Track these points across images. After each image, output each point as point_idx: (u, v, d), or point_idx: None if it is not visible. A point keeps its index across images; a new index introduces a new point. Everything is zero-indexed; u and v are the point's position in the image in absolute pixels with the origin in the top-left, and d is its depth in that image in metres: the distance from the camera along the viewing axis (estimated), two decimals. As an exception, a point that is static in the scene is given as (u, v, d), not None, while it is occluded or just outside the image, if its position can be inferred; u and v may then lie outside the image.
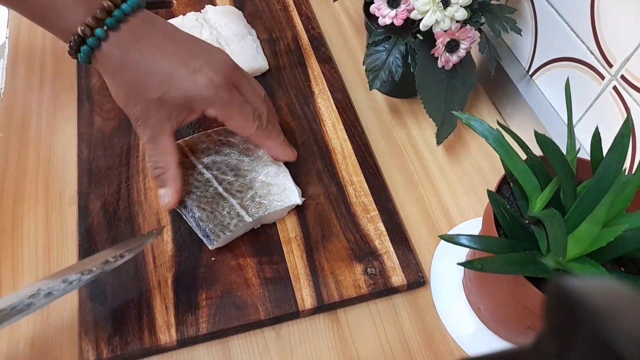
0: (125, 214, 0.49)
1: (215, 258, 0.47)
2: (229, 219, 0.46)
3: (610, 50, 0.48)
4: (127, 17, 0.41)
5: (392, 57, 0.55)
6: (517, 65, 0.62)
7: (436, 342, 0.45)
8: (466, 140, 0.61)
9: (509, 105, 0.63)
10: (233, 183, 0.49)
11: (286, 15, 0.71)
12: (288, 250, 0.48)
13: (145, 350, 0.42)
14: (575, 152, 0.40)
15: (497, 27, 0.54)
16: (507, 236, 0.38)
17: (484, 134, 0.38)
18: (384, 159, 0.58)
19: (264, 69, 0.63)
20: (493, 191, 0.38)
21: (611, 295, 0.14)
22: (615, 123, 0.50)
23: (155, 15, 0.44)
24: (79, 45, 0.41)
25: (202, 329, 0.43)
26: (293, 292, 0.45)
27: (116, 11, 0.41)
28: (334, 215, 0.51)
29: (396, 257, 0.48)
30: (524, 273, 0.35)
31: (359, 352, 0.44)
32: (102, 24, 0.40)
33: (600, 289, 0.14)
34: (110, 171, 0.52)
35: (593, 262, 0.34)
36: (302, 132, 0.58)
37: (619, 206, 0.35)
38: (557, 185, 0.37)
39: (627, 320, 0.13)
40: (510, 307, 0.41)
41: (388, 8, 0.52)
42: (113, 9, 0.40)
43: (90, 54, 0.42)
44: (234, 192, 0.48)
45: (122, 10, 0.41)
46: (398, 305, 0.47)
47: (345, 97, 0.62)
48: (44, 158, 0.54)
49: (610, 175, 0.35)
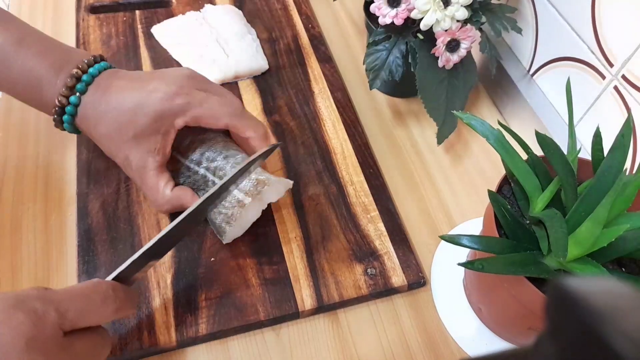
0: (125, 214, 0.49)
1: (215, 258, 0.47)
2: (231, 209, 0.45)
3: (611, 50, 0.48)
4: (94, 78, 0.44)
5: (392, 56, 0.55)
6: (518, 65, 0.62)
7: (436, 342, 0.45)
8: (467, 140, 0.61)
9: (509, 105, 0.63)
10: (224, 167, 0.47)
11: (286, 14, 0.71)
12: (288, 250, 0.48)
13: (145, 351, 0.42)
14: (576, 152, 0.40)
15: (497, 27, 0.54)
16: (508, 236, 0.38)
17: (485, 133, 0.38)
18: (384, 159, 0.58)
19: (264, 68, 0.63)
20: (494, 191, 0.38)
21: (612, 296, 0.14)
22: (616, 123, 0.50)
23: (117, 69, 0.47)
24: (61, 116, 0.45)
25: (201, 329, 0.43)
26: (293, 293, 0.45)
27: (85, 76, 0.44)
28: (334, 216, 0.51)
29: (396, 258, 0.48)
30: (525, 273, 0.35)
31: (359, 352, 0.44)
32: (74, 91, 0.44)
33: (601, 289, 0.14)
34: (109, 171, 0.52)
35: (594, 263, 0.34)
36: (302, 132, 0.58)
37: (620, 206, 0.35)
38: (558, 185, 0.37)
39: (627, 321, 0.12)
40: (511, 308, 0.40)
41: (388, 7, 0.52)
42: (81, 74, 0.44)
43: (72, 122, 0.45)
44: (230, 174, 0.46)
45: (89, 74, 0.44)
46: (398, 305, 0.47)
47: (345, 97, 0.62)
48: (43, 158, 0.54)
49: (611, 175, 0.35)
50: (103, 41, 0.64)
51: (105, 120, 0.44)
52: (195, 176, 0.48)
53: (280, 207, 0.51)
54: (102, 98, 0.44)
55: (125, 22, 0.67)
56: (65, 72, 0.44)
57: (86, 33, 0.65)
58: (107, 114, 0.44)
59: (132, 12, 0.68)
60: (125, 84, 0.44)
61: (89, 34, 0.65)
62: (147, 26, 0.66)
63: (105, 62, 0.46)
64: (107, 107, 0.44)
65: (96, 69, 0.45)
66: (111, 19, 0.67)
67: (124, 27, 0.66)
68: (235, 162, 0.47)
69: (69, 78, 0.43)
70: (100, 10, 0.68)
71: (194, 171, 0.48)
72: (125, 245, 0.47)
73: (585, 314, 0.13)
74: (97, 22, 0.67)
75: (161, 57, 0.63)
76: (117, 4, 0.69)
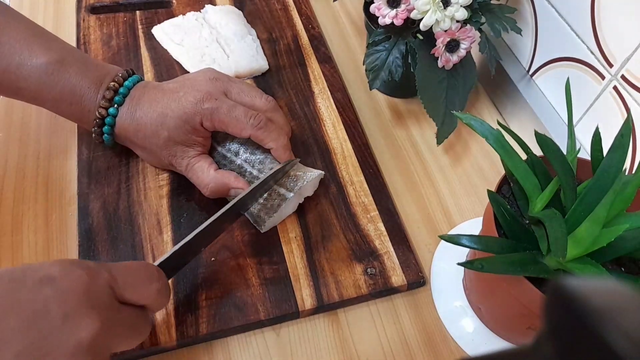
0: (125, 214, 0.49)
1: (215, 258, 0.47)
2: (272, 201, 0.48)
3: (611, 50, 0.48)
4: (129, 90, 0.48)
5: (392, 57, 0.55)
6: (518, 65, 0.62)
7: (436, 342, 0.45)
8: (466, 140, 0.61)
9: (509, 105, 0.63)
10: (264, 161, 0.50)
11: (286, 15, 0.71)
12: (288, 250, 0.48)
13: (145, 351, 0.42)
14: (576, 152, 0.40)
15: (497, 27, 0.54)
16: (508, 236, 0.38)
17: (484, 134, 0.38)
18: (384, 159, 0.58)
19: (264, 68, 0.63)
20: (493, 191, 0.38)
21: (611, 295, 0.14)
22: (616, 123, 0.50)
23: (148, 81, 0.51)
24: (100, 127, 0.48)
25: (202, 329, 0.43)
26: (293, 292, 0.45)
27: (121, 89, 0.48)
28: (334, 215, 0.51)
29: (396, 257, 0.48)
30: (524, 273, 0.35)
31: (359, 352, 0.44)
32: (112, 103, 0.47)
33: (600, 289, 0.14)
34: (110, 171, 0.52)
35: (593, 262, 0.34)
36: (302, 132, 0.58)
37: (619, 206, 0.35)
38: (557, 185, 0.37)
39: (626, 320, 0.13)
40: (510, 307, 0.41)
41: (388, 8, 0.52)
42: (118, 87, 0.48)
43: (111, 133, 0.49)
44: (267, 171, 0.49)
45: (125, 87, 0.48)
46: (398, 305, 0.47)
47: (345, 97, 0.62)
48: (44, 158, 0.54)
49: (610, 176, 0.35)
50: (103, 41, 0.64)
51: (142, 126, 0.48)
52: (232, 165, 0.51)
53: (280, 207, 0.51)
54: (137, 107, 0.48)
55: (125, 23, 0.67)
56: (103, 87, 0.48)
57: (87, 33, 0.65)
58: (143, 120, 0.47)
59: (132, 12, 0.68)
60: (157, 93, 0.48)
61: (89, 34, 0.65)
62: (148, 27, 0.66)
63: (137, 75, 0.50)
64: (142, 114, 0.48)
65: (131, 81, 0.49)
66: (112, 19, 0.67)
67: (124, 27, 0.66)
68: (272, 158, 0.50)
69: (107, 91, 0.47)
70: (101, 11, 0.68)
71: (229, 160, 0.51)
72: (126, 245, 0.47)
73: (584, 313, 0.13)
74: (98, 22, 0.67)
75: (161, 57, 0.63)
76: (118, 4, 0.69)
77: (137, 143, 0.49)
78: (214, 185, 0.48)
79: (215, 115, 0.47)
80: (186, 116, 0.46)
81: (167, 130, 0.47)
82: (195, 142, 0.48)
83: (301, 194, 0.50)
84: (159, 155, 0.49)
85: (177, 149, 0.48)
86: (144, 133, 0.48)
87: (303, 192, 0.50)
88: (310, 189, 0.51)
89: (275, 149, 0.49)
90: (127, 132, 0.49)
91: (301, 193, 0.50)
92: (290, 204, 0.49)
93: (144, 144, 0.49)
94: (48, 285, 0.30)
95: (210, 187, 0.48)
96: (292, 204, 0.49)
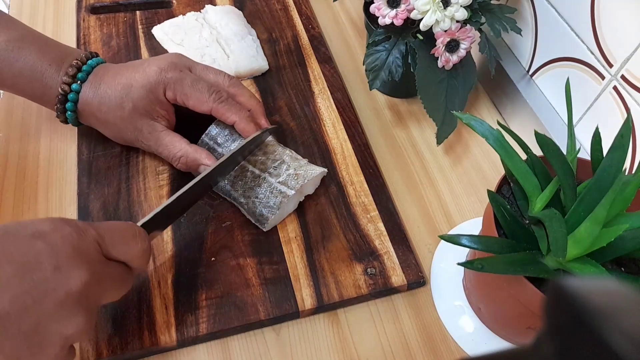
0: (126, 214, 0.49)
1: (215, 258, 0.47)
2: (273, 199, 0.48)
3: (611, 50, 0.48)
4: (92, 68, 0.49)
5: (392, 57, 0.55)
6: (517, 65, 0.62)
7: (436, 342, 0.45)
8: (466, 140, 0.61)
9: (509, 105, 0.63)
10: (265, 162, 0.50)
11: (286, 15, 0.71)
12: (288, 250, 0.48)
13: (145, 351, 0.42)
14: (576, 152, 0.40)
15: (497, 27, 0.54)
16: (507, 236, 0.38)
17: (484, 134, 0.38)
18: (384, 159, 0.58)
19: (264, 68, 0.63)
20: (493, 191, 0.38)
21: (611, 295, 0.14)
22: (616, 123, 0.50)
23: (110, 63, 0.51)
24: (63, 104, 0.48)
25: (202, 329, 0.43)
26: (293, 292, 0.45)
27: (84, 67, 0.48)
28: (334, 215, 0.51)
29: (396, 257, 0.48)
30: (524, 273, 0.35)
31: (359, 352, 0.44)
32: (75, 79, 0.48)
33: (600, 289, 0.14)
34: (110, 171, 0.52)
35: (593, 262, 0.34)
36: (302, 132, 0.58)
37: (619, 206, 0.35)
38: (557, 185, 0.37)
39: (626, 320, 0.13)
40: (510, 307, 0.41)
41: (388, 8, 0.52)
42: (81, 65, 0.48)
43: (74, 110, 0.49)
44: (270, 170, 0.49)
45: (89, 65, 0.49)
46: (398, 305, 0.47)
47: (345, 97, 0.62)
48: (44, 158, 0.54)
49: (610, 176, 0.35)
50: (104, 41, 0.64)
51: (106, 99, 0.48)
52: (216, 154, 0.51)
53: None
54: (101, 81, 0.48)
55: (125, 23, 0.67)
56: (65, 65, 0.48)
57: (87, 33, 0.65)
58: (107, 93, 0.48)
59: (132, 12, 0.68)
60: (121, 68, 0.49)
61: (89, 34, 0.65)
62: (148, 27, 0.67)
63: (101, 58, 0.51)
64: (106, 87, 0.48)
65: (94, 61, 0.49)
66: (112, 19, 0.67)
67: (124, 27, 0.66)
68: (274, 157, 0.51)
69: (69, 68, 0.47)
70: (101, 11, 0.68)
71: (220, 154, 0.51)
72: (126, 245, 0.47)
73: (584, 313, 0.13)
74: (98, 22, 0.67)
75: (161, 57, 0.63)
76: (118, 4, 0.69)
77: (100, 118, 0.49)
78: (184, 160, 0.49)
79: (178, 85, 0.48)
80: (150, 85, 0.47)
81: (132, 101, 0.47)
82: (159, 114, 0.49)
83: (302, 192, 0.50)
84: (123, 130, 0.49)
85: (142, 124, 0.49)
86: (108, 106, 0.48)
87: (304, 189, 0.50)
88: (311, 187, 0.51)
89: (237, 122, 0.49)
90: (90, 107, 0.49)
91: (302, 191, 0.50)
92: (291, 202, 0.49)
93: (108, 118, 0.49)
94: (40, 240, 0.32)
95: (181, 160, 0.49)
96: (293, 201, 0.50)
